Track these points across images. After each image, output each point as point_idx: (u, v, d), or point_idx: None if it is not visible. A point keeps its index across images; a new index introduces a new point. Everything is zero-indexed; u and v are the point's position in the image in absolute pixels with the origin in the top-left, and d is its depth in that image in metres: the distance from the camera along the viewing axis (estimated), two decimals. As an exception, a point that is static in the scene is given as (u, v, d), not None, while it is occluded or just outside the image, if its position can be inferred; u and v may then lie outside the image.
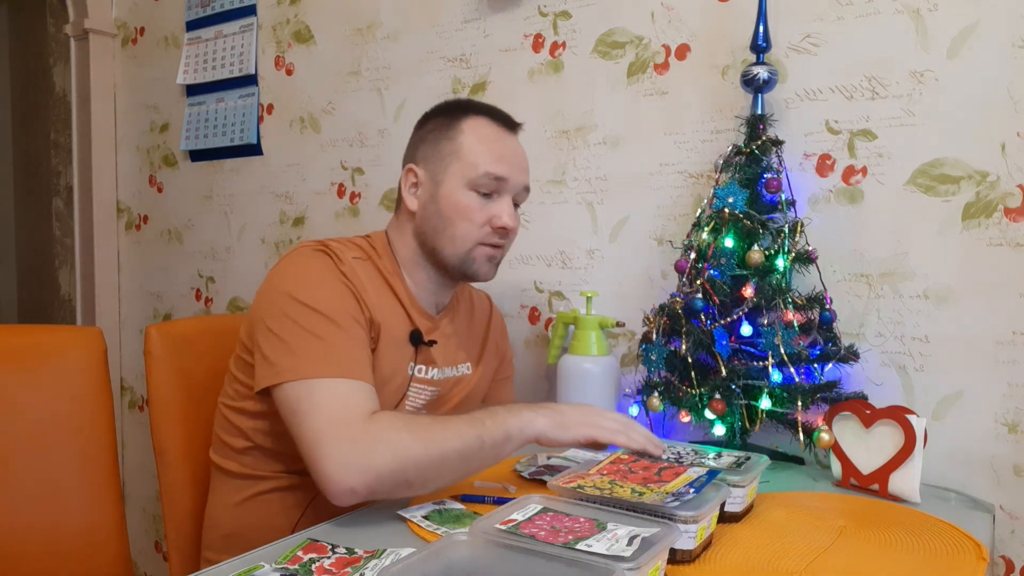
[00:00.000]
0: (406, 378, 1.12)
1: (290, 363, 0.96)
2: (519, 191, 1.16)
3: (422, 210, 1.14)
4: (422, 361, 1.14)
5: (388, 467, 0.88)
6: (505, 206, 1.13)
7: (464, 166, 1.11)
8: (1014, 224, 1.10)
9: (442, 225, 1.12)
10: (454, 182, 1.12)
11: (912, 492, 1.01)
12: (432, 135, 1.16)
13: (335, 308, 1.01)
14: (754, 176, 1.19)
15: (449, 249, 1.13)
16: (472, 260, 1.13)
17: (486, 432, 0.93)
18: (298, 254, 1.08)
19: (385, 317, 1.09)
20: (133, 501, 2.36)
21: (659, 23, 1.40)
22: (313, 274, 1.04)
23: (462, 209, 1.11)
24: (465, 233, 1.12)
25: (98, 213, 2.35)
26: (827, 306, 1.16)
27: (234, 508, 1.11)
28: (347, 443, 0.90)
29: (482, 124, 1.15)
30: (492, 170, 1.11)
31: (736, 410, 1.14)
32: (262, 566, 0.78)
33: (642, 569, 0.64)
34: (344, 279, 1.05)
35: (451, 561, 0.67)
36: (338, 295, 1.03)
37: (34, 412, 1.15)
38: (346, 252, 1.09)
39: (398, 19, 1.74)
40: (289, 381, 0.95)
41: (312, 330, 0.98)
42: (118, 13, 2.37)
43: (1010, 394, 1.10)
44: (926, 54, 1.16)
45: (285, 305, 1.00)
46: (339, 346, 0.98)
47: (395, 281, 1.14)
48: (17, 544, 1.11)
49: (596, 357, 1.32)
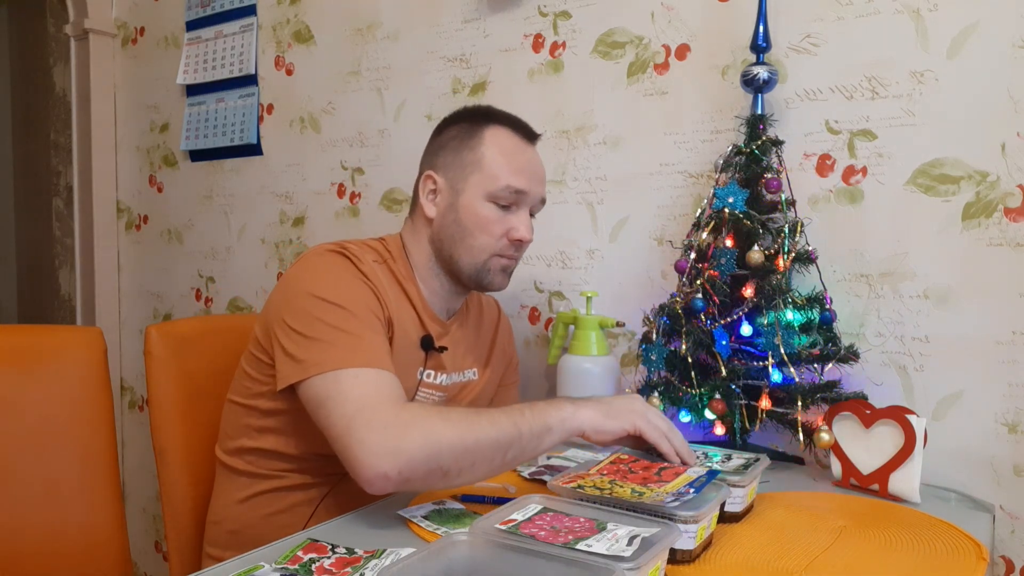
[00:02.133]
0: (415, 382, 1.12)
1: (316, 357, 0.96)
2: (536, 203, 1.17)
3: (440, 218, 1.14)
4: (431, 366, 1.14)
5: (421, 452, 0.87)
6: (523, 219, 1.14)
7: (485, 178, 1.12)
8: (1014, 224, 1.10)
9: (460, 235, 1.13)
10: (474, 193, 1.12)
11: (912, 492, 1.01)
12: (453, 143, 1.15)
13: (357, 302, 1.01)
14: (754, 176, 1.19)
15: (466, 259, 1.13)
16: (487, 271, 1.14)
17: (524, 422, 0.91)
18: (316, 255, 1.08)
19: (399, 320, 1.09)
20: (133, 501, 2.36)
21: (659, 23, 1.40)
22: (332, 272, 1.04)
23: (481, 220, 1.12)
24: (483, 244, 1.12)
25: (98, 213, 2.35)
26: (827, 306, 1.16)
27: (238, 505, 1.11)
28: (378, 428, 0.88)
29: (503, 135, 1.15)
30: (513, 183, 1.11)
31: (736, 410, 1.14)
32: (262, 566, 0.78)
33: (642, 569, 0.64)
34: (364, 278, 1.05)
35: (451, 561, 0.67)
36: (359, 290, 1.03)
37: (34, 412, 1.15)
38: (365, 254, 1.10)
39: (398, 19, 1.74)
40: (315, 375, 0.95)
41: (336, 324, 0.98)
42: (118, 13, 2.37)
43: (1010, 394, 1.10)
44: (926, 54, 1.16)
45: (306, 303, 1.00)
46: (364, 337, 0.98)
47: (409, 286, 1.14)
48: (17, 544, 1.11)
49: (596, 357, 1.32)
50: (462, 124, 1.17)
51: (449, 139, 1.16)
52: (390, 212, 1.76)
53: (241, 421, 1.11)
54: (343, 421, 0.90)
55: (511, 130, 1.16)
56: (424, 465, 0.87)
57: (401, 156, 1.74)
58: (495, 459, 0.91)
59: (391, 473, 0.86)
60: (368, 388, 0.93)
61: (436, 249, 1.16)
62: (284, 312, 1.02)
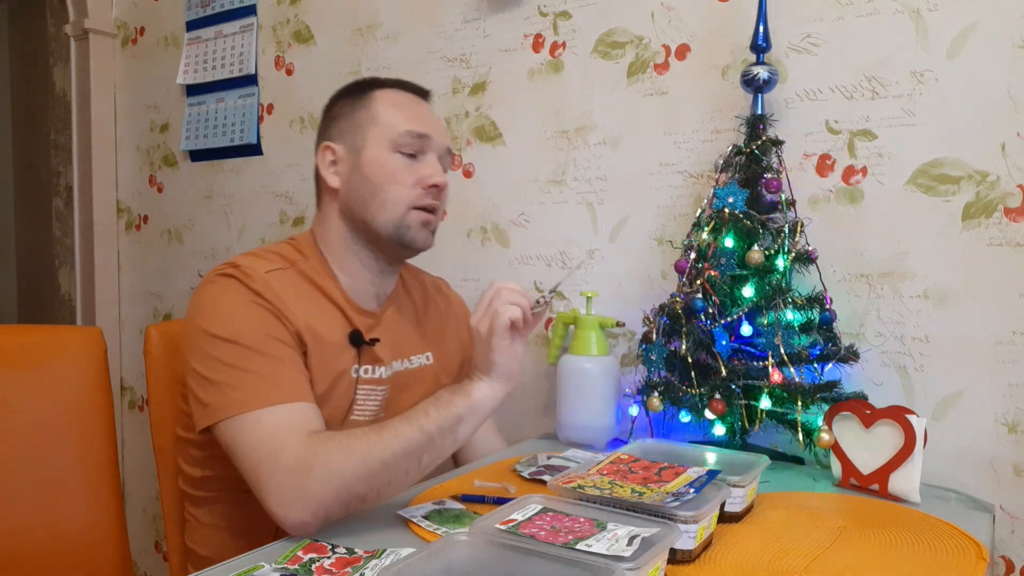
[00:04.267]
0: (352, 382, 1.08)
1: (219, 401, 0.94)
2: (443, 152, 1.13)
3: (345, 184, 1.11)
4: (367, 361, 1.10)
5: (329, 492, 0.86)
6: (433, 164, 1.10)
7: (383, 129, 1.09)
8: (1014, 224, 1.10)
9: (370, 192, 1.08)
10: (376, 146, 1.09)
11: (912, 492, 1.01)
12: (344, 111, 1.14)
13: (252, 333, 0.97)
14: (754, 176, 1.19)
15: (382, 216, 1.08)
16: (407, 227, 1.09)
17: (431, 423, 0.90)
18: (207, 283, 1.04)
19: (317, 325, 1.04)
20: (133, 501, 2.36)
21: (659, 23, 1.40)
22: (223, 304, 1.00)
23: (389, 172, 1.08)
24: (397, 196, 1.08)
25: (98, 213, 2.35)
26: (827, 306, 1.16)
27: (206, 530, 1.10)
28: (282, 478, 0.87)
29: (392, 93, 1.14)
30: (414, 127, 1.09)
31: (736, 410, 1.14)
32: (262, 566, 0.78)
33: (642, 569, 0.64)
34: (257, 299, 1.00)
35: (451, 561, 0.67)
36: (252, 317, 0.99)
37: (34, 412, 1.15)
38: (258, 267, 1.04)
39: (398, 19, 1.74)
40: (221, 420, 0.93)
41: (233, 363, 0.95)
42: (118, 13, 2.37)
43: (1010, 394, 1.10)
44: (926, 54, 1.16)
45: (202, 342, 0.98)
46: (263, 373, 0.95)
47: (325, 282, 1.09)
48: (17, 544, 1.11)
49: (596, 357, 1.32)
50: (350, 95, 1.15)
51: (339, 110, 1.15)
52: (390, 212, 1.77)
53: (187, 452, 1.10)
54: (252, 472, 0.90)
55: (399, 88, 1.15)
56: (336, 502, 0.87)
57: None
58: (410, 469, 0.90)
59: (307, 519, 0.86)
60: (268, 432, 0.91)
61: (349, 220, 1.11)
62: (187, 351, 1.00)
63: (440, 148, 1.13)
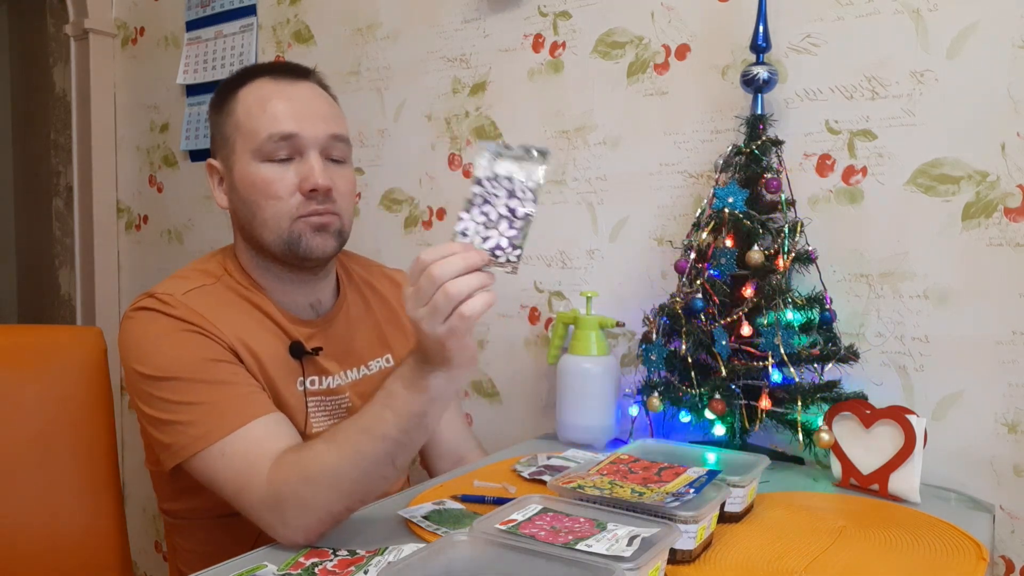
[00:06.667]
0: (300, 396, 1.03)
1: (178, 440, 0.91)
2: (325, 143, 1.01)
3: (232, 205, 1.04)
4: (312, 372, 1.04)
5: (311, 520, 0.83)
6: (311, 165, 0.99)
7: (245, 138, 0.99)
8: (1014, 224, 1.10)
9: (249, 213, 1.00)
10: (243, 160, 0.99)
11: (912, 492, 1.01)
12: (213, 120, 1.05)
13: (189, 364, 0.93)
14: (754, 176, 1.19)
15: (268, 236, 1.00)
16: (297, 239, 0.99)
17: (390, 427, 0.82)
18: (127, 320, 0.99)
19: (251, 340, 0.99)
20: (133, 501, 2.36)
21: (659, 23, 1.40)
22: (148, 340, 0.95)
23: (260, 186, 0.98)
24: (275, 212, 0.98)
25: (98, 213, 2.35)
26: (827, 306, 1.16)
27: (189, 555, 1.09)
28: (263, 513, 0.85)
29: (257, 86, 1.02)
30: (275, 130, 0.98)
31: (736, 410, 1.14)
32: (265, 565, 0.78)
33: (642, 569, 0.64)
34: (181, 325, 0.95)
35: (451, 561, 0.67)
36: (183, 347, 0.94)
37: (34, 412, 1.15)
38: (176, 289, 0.98)
39: (398, 19, 1.74)
40: (189, 457, 0.91)
41: (180, 399, 0.91)
42: (118, 13, 2.37)
43: (1010, 394, 1.10)
44: (926, 54, 1.16)
45: (143, 384, 0.94)
46: (213, 401, 0.91)
47: (255, 295, 1.03)
48: (17, 544, 1.11)
49: (596, 357, 1.32)
50: (216, 102, 1.05)
51: (211, 120, 1.05)
52: (390, 212, 1.76)
53: (162, 488, 1.08)
54: (235, 502, 0.89)
55: (267, 77, 1.03)
56: (322, 524, 0.84)
57: (401, 156, 1.74)
58: (387, 473, 0.85)
59: (300, 541, 0.84)
60: (235, 464, 0.88)
61: (247, 240, 1.03)
62: (132, 394, 0.97)
63: (317, 141, 1.00)
